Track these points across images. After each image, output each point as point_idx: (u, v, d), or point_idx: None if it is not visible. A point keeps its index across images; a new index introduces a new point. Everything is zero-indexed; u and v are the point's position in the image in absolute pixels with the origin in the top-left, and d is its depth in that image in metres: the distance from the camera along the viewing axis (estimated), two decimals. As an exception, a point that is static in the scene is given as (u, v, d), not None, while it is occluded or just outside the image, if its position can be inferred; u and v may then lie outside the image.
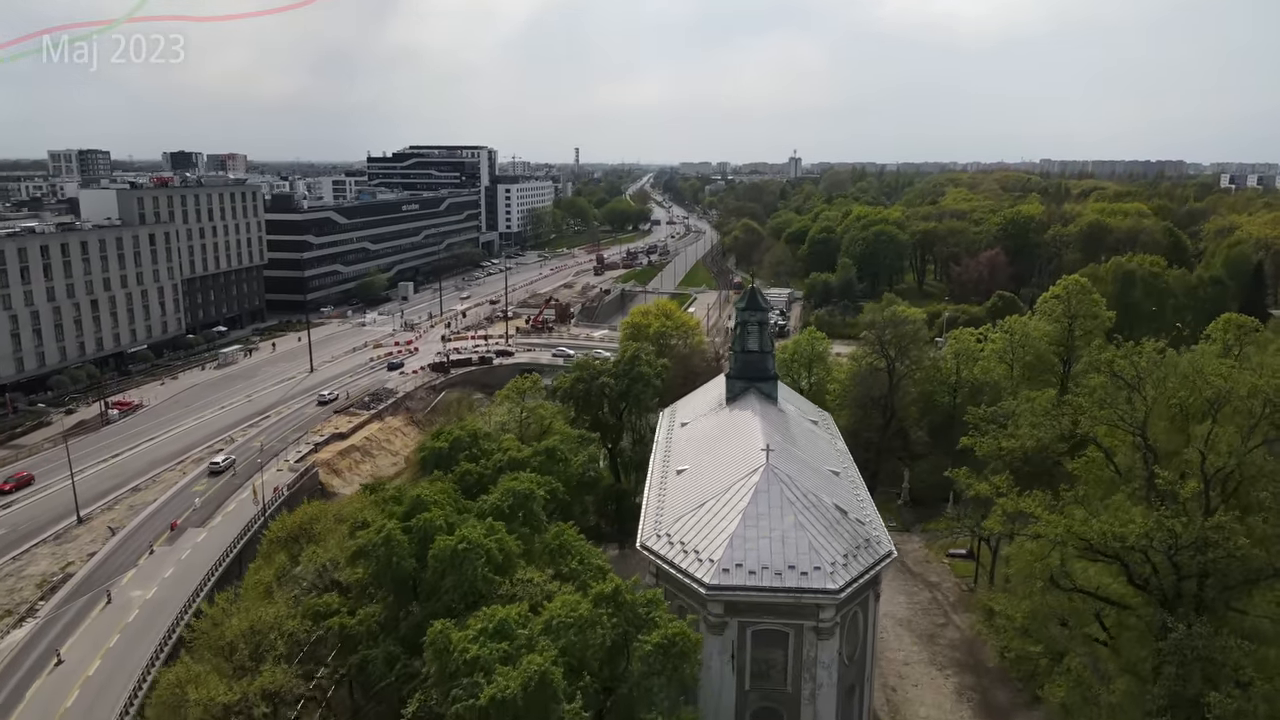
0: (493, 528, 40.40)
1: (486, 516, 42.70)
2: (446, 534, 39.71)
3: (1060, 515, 41.56)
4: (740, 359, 62.43)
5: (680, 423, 64.62)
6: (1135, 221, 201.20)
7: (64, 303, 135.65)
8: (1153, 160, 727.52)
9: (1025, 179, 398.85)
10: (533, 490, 45.26)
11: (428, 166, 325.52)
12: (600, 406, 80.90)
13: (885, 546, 46.99)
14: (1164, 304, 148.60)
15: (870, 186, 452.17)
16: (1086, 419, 46.82)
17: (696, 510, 47.33)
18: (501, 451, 55.02)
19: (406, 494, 45.37)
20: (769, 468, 47.16)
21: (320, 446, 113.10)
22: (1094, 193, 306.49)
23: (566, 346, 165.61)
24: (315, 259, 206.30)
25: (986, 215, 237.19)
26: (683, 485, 52.56)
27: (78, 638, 68.27)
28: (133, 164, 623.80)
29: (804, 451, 55.25)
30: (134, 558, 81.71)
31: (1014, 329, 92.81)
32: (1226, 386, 41.10)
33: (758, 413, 57.09)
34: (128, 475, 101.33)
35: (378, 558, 39.29)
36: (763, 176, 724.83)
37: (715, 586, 42.66)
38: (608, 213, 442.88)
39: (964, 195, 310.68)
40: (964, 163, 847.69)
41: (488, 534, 39.52)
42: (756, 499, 45.87)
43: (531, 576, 39.09)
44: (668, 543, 46.19)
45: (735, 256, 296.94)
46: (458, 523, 41.11)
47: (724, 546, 43.97)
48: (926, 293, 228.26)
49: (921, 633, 68.84)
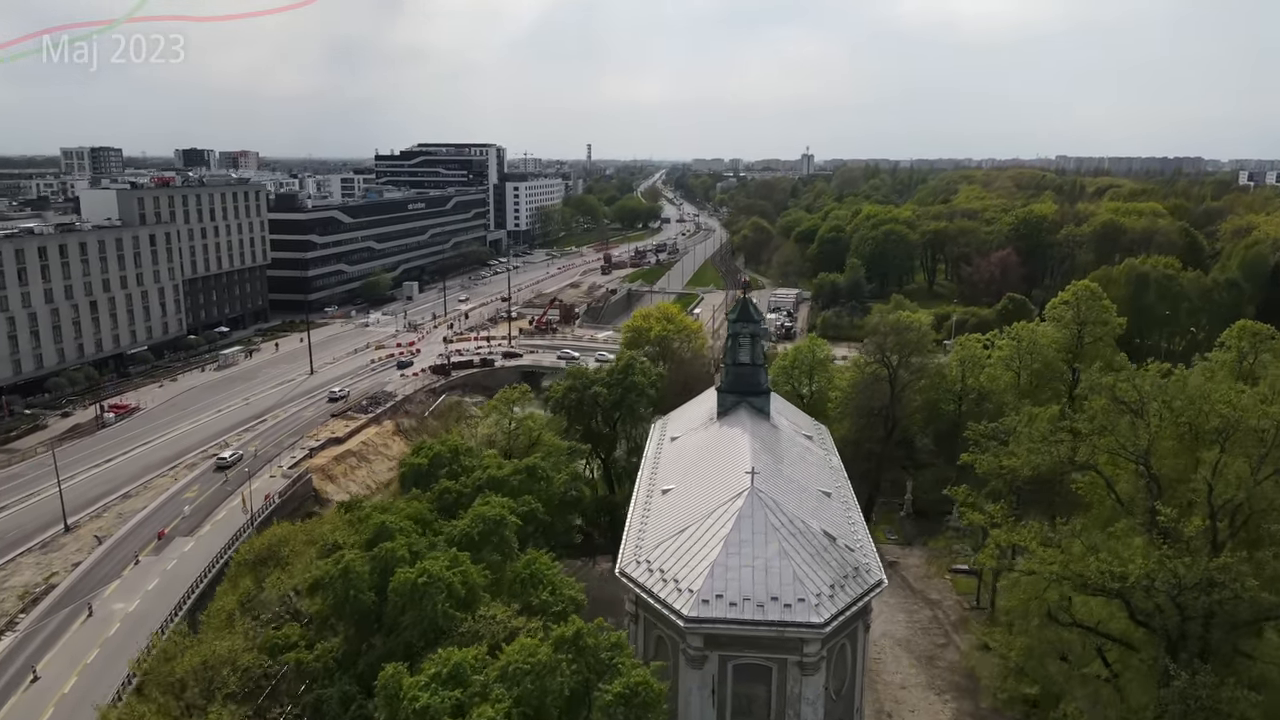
0: (456, 559, 38.48)
1: (455, 544, 40.79)
2: (410, 565, 37.83)
3: (1057, 549, 39.21)
4: (732, 372, 60.29)
5: (670, 437, 62.58)
6: (1150, 221, 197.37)
7: (62, 304, 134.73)
8: (1170, 157, 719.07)
9: (1040, 176, 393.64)
10: (504, 516, 43.32)
11: (435, 165, 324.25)
12: (593, 416, 79.01)
13: (875, 575, 44.85)
14: (1178, 307, 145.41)
15: (883, 184, 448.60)
16: (1085, 447, 44.38)
17: (678, 535, 45.33)
18: (482, 469, 53.11)
19: (372, 519, 43.46)
20: (753, 492, 45.08)
21: (315, 451, 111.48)
22: (1109, 191, 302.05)
23: (571, 348, 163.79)
24: (319, 258, 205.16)
25: (999, 215, 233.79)
26: (667, 506, 50.55)
27: (56, 653, 66.79)
28: (146, 160, 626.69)
29: (794, 471, 53.09)
30: (119, 568, 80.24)
31: (1021, 336, 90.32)
32: (1235, 415, 38.62)
33: (747, 429, 54.98)
34: (119, 481, 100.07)
35: (335, 591, 37.48)
36: (775, 173, 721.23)
37: (694, 619, 40.68)
38: (618, 210, 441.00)
39: (977, 193, 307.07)
40: (979, 159, 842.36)
41: (451, 566, 37.63)
42: (740, 525, 43.82)
43: (494, 613, 37.13)
44: (647, 570, 44.23)
45: (744, 255, 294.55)
46: (423, 551, 39.23)
47: (704, 576, 41.96)
48: (937, 293, 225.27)
49: (920, 654, 66.59)
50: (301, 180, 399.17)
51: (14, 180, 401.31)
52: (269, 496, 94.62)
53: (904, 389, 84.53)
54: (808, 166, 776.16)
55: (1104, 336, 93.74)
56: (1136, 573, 34.69)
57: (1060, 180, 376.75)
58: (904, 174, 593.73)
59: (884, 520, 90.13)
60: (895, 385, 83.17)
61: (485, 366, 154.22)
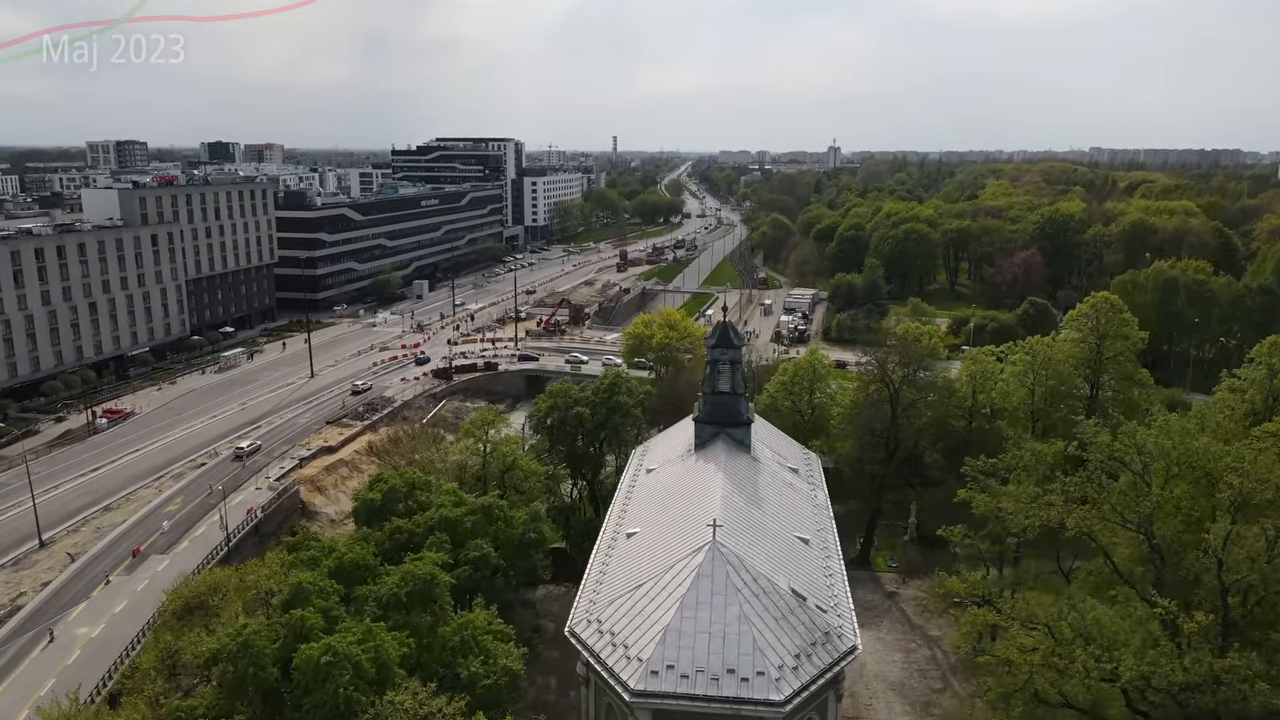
0: (369, 632, 34.87)
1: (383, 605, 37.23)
2: (326, 632, 34.32)
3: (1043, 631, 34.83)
4: (710, 401, 56.27)
5: (646, 468, 58.67)
6: (1182, 221, 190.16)
7: (60, 306, 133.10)
8: (1208, 149, 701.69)
9: (1070, 170, 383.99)
10: (434, 575, 39.68)
11: (452, 160, 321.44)
12: (576, 438, 75.31)
13: (848, 640, 40.69)
14: (1208, 314, 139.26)
15: (909, 178, 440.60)
16: (1076, 515, 39.69)
17: (633, 593, 41.52)
18: (436, 508, 49.55)
19: (291, 578, 39.98)
20: (715, 546, 41.12)
21: (306, 461, 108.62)
22: (1141, 186, 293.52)
23: (579, 351, 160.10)
24: (328, 257, 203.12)
25: (1024, 213, 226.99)
26: (629, 553, 46.76)
27: (11, 682, 64.01)
28: (174, 153, 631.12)
29: (770, 514, 49.02)
30: (89, 588, 77.72)
31: (1036, 350, 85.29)
32: (1249, 487, 34.01)
33: (721, 467, 50.98)
34: (102, 493, 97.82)
35: (235, 666, 34.08)
36: (801, 166, 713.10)
37: (641, 693, 36.88)
38: (638, 205, 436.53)
39: (1004, 189, 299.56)
40: (1010, 150, 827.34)
41: (363, 640, 34.06)
42: (698, 584, 39.92)
43: (403, 700, 33.44)
44: (597, 631, 40.48)
45: (763, 253, 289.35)
46: (341, 616, 35.72)
47: (655, 643, 38.13)
48: (959, 294, 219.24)
49: (915, 699, 62.36)
50: (322, 174, 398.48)
51: (40, 174, 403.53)
52: (251, 511, 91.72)
53: (907, 409, 79.98)
54: (834, 159, 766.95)
55: (1125, 351, 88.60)
56: (1129, 674, 30.41)
57: (1092, 175, 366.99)
58: (931, 167, 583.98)
59: (886, 545, 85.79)
60: (897, 406, 78.64)
61: (489, 370, 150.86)
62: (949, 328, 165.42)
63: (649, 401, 77.25)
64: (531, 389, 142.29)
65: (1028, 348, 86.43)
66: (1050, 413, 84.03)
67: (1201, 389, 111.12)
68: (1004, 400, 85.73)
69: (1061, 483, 41.90)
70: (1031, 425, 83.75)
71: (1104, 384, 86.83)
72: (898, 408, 78.63)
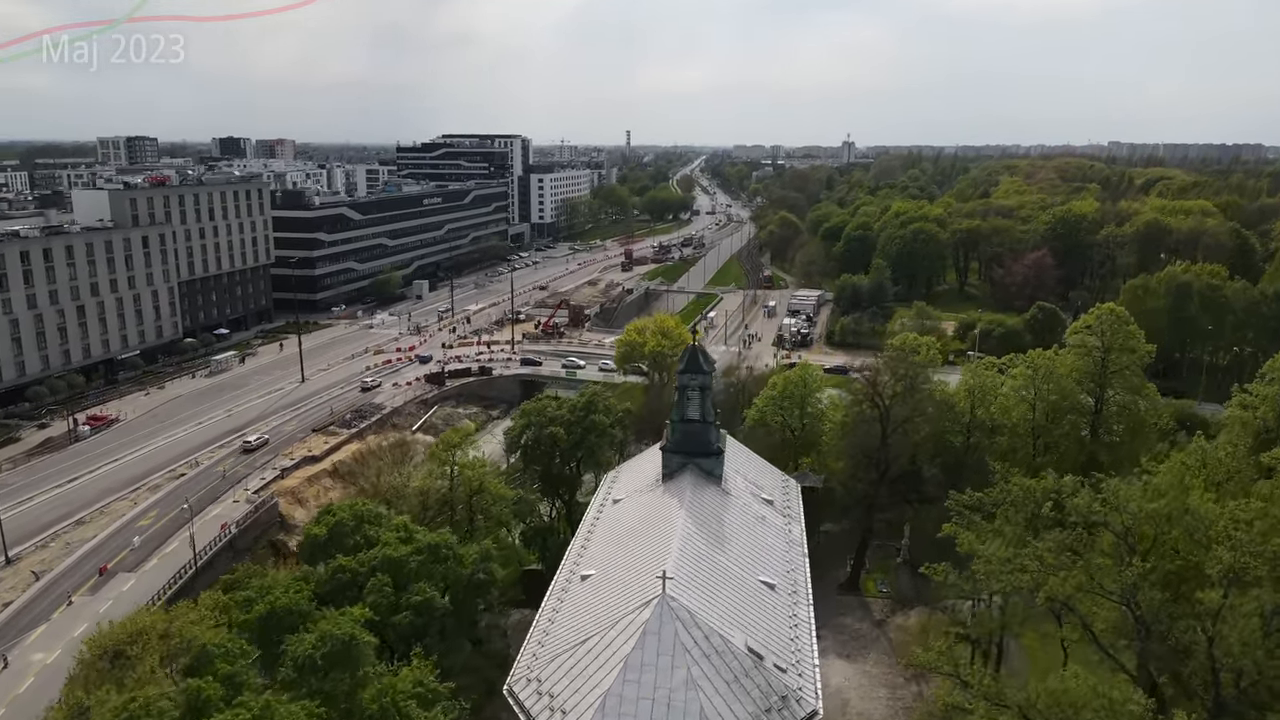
0: (268, 706, 31.90)
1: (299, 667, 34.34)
2: (226, 702, 31.48)
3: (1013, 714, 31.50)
4: (679, 429, 53.03)
5: (614, 498, 55.51)
6: (1198, 221, 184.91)
7: (47, 309, 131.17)
8: (1229, 144, 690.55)
9: (1086, 167, 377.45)
10: (353, 636, 36.66)
11: (458, 156, 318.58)
12: (552, 457, 72.29)
13: (808, 705, 37.40)
14: (1222, 321, 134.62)
15: (922, 174, 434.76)
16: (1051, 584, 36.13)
17: (578, 648, 38.45)
18: (381, 545, 46.63)
19: (198, 639, 37.11)
20: (664, 600, 37.97)
21: (288, 471, 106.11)
22: (1158, 183, 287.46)
23: (576, 355, 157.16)
24: (327, 256, 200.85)
25: (1035, 212, 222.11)
26: (581, 599, 43.68)
27: (-41, 713, 62.00)
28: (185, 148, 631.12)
29: (735, 555, 45.80)
30: (51, 609, 75.59)
31: (1037, 365, 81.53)
32: (1241, 562, 30.51)
33: (685, 503, 47.77)
34: (76, 505, 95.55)
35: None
36: (815, 160, 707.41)
37: (574, 767, 33.83)
38: (648, 201, 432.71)
39: (1017, 186, 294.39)
40: (1028, 145, 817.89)
41: (261, 714, 31.15)
42: (644, 643, 36.80)
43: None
44: (536, 692, 37.45)
45: (770, 252, 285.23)
46: (248, 681, 32.89)
47: (594, 710, 35.04)
48: (968, 295, 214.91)
49: (899, 742, 59.08)
50: (330, 171, 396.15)
51: (50, 170, 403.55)
52: (225, 526, 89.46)
53: (900, 426, 76.41)
54: (848, 154, 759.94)
55: (1131, 365, 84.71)
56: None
57: (1108, 171, 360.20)
58: (946, 162, 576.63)
59: (879, 567, 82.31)
60: (888, 424, 75.10)
61: (483, 375, 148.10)
62: (955, 331, 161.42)
63: (629, 420, 74.04)
64: (526, 394, 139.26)
65: (1029, 361, 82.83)
66: (1052, 429, 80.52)
67: (1214, 398, 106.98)
68: (1004, 415, 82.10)
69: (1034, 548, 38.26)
70: (1033, 441, 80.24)
71: (1109, 399, 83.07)
72: (889, 426, 75.09)
